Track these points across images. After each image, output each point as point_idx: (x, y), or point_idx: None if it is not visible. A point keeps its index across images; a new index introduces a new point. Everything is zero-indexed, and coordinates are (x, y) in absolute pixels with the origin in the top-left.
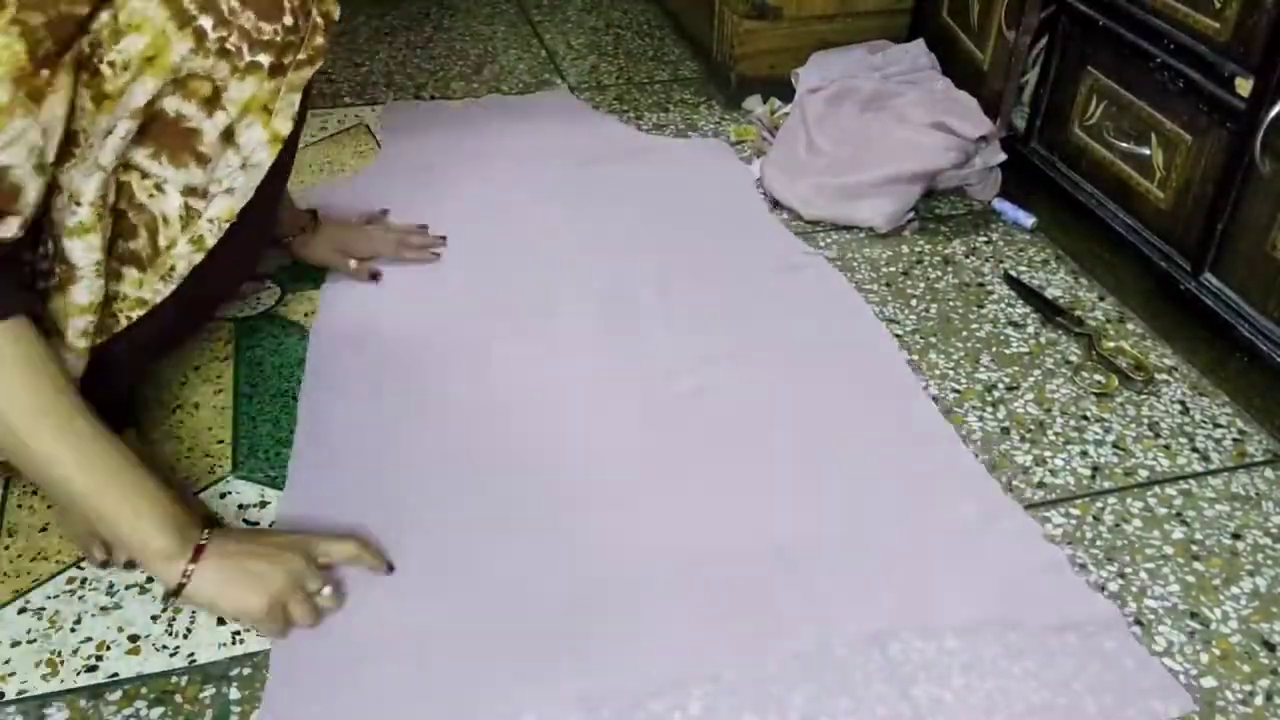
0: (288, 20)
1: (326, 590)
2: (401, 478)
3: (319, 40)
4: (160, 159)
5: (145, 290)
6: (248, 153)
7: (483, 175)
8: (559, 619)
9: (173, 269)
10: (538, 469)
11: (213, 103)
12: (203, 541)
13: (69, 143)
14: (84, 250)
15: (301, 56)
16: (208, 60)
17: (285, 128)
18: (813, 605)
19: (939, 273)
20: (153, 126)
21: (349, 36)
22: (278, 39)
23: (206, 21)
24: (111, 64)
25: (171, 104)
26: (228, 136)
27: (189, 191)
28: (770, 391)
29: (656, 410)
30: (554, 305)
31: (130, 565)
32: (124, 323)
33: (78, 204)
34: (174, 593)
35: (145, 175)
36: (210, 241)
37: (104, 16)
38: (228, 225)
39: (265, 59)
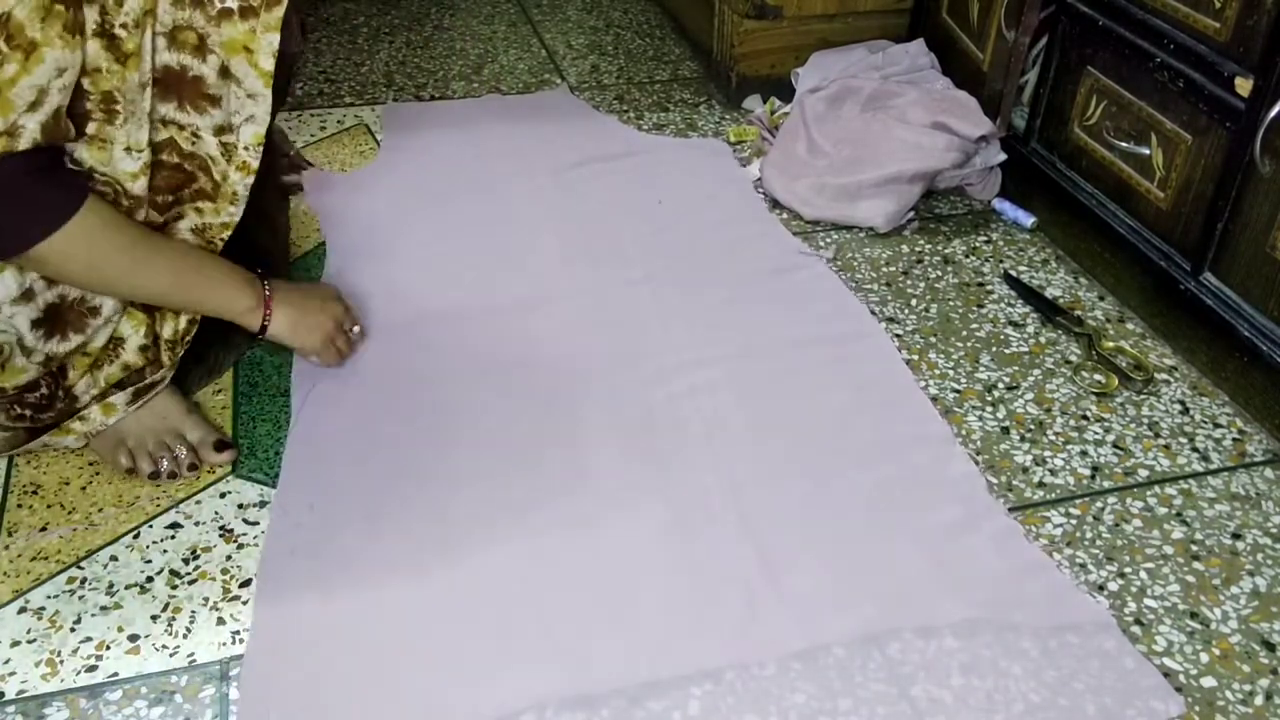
0: None
1: (356, 329)
2: (394, 470)
3: None
4: (186, 109)
5: (223, 216)
6: (249, 85)
7: (479, 172)
8: (554, 617)
9: (235, 194)
10: (531, 467)
11: (201, 49)
12: (268, 293)
13: (109, 103)
14: (142, 187)
15: None
16: (185, 11)
17: (267, 64)
18: (797, 602)
19: (939, 272)
20: (169, 82)
21: (349, 36)
22: None
23: None
24: (124, 25)
25: (172, 57)
26: (225, 74)
27: (219, 131)
28: (765, 390)
29: (650, 409)
30: (547, 303)
31: (173, 475)
32: (219, 244)
33: (139, 151)
34: (259, 334)
35: (182, 127)
36: (254, 164)
37: None
38: (261, 147)
39: (233, 3)
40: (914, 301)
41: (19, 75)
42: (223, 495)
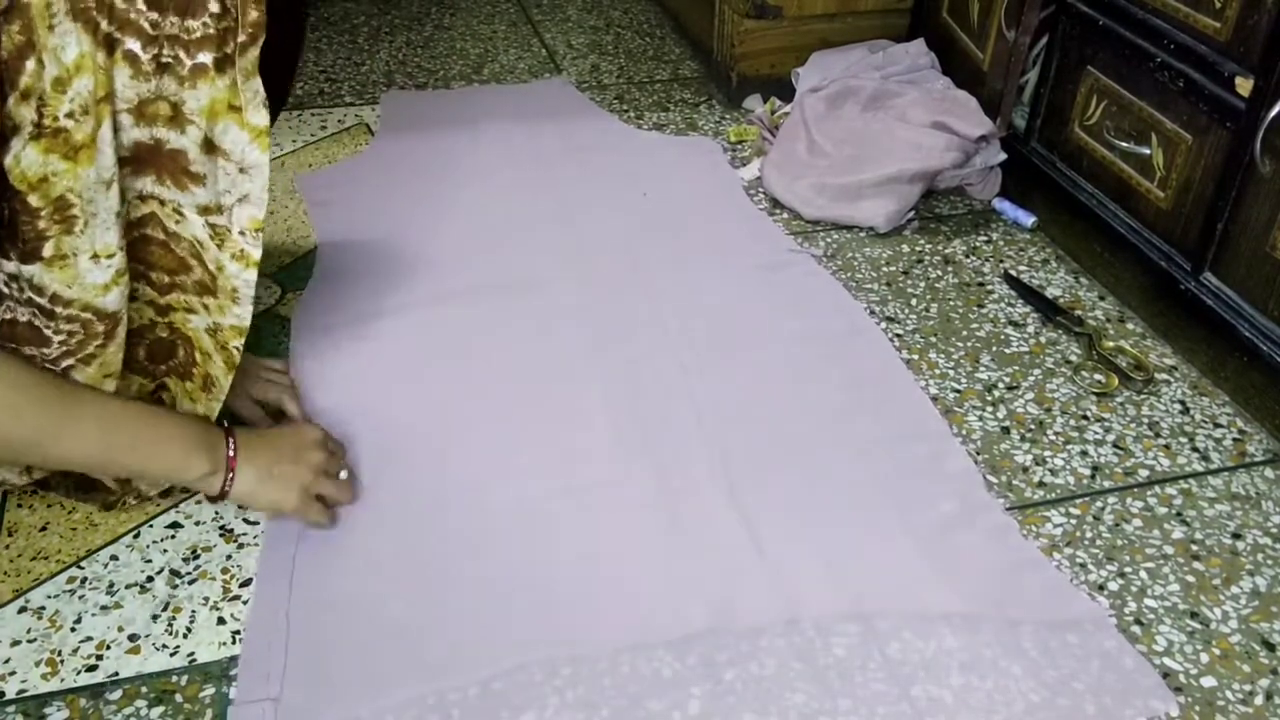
0: (214, 7)
1: (344, 474)
2: (389, 450)
3: (253, 15)
4: (165, 184)
5: (229, 317)
6: (239, 157)
7: (470, 164)
8: (547, 617)
9: (236, 291)
10: (521, 444)
11: (177, 120)
12: (231, 454)
13: (63, 209)
14: (116, 300)
15: (242, 39)
16: (150, 82)
17: (260, 119)
18: (787, 578)
19: (939, 272)
20: (142, 156)
21: (349, 36)
22: (211, 31)
23: (134, 44)
24: (70, 115)
25: (143, 133)
26: (209, 148)
27: (204, 211)
28: (755, 381)
29: (638, 390)
30: (536, 289)
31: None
32: (236, 355)
33: (108, 257)
34: (218, 498)
35: (163, 203)
36: (255, 254)
37: (29, 66)
38: (260, 234)
39: (206, 57)
40: (914, 301)
41: None
42: None
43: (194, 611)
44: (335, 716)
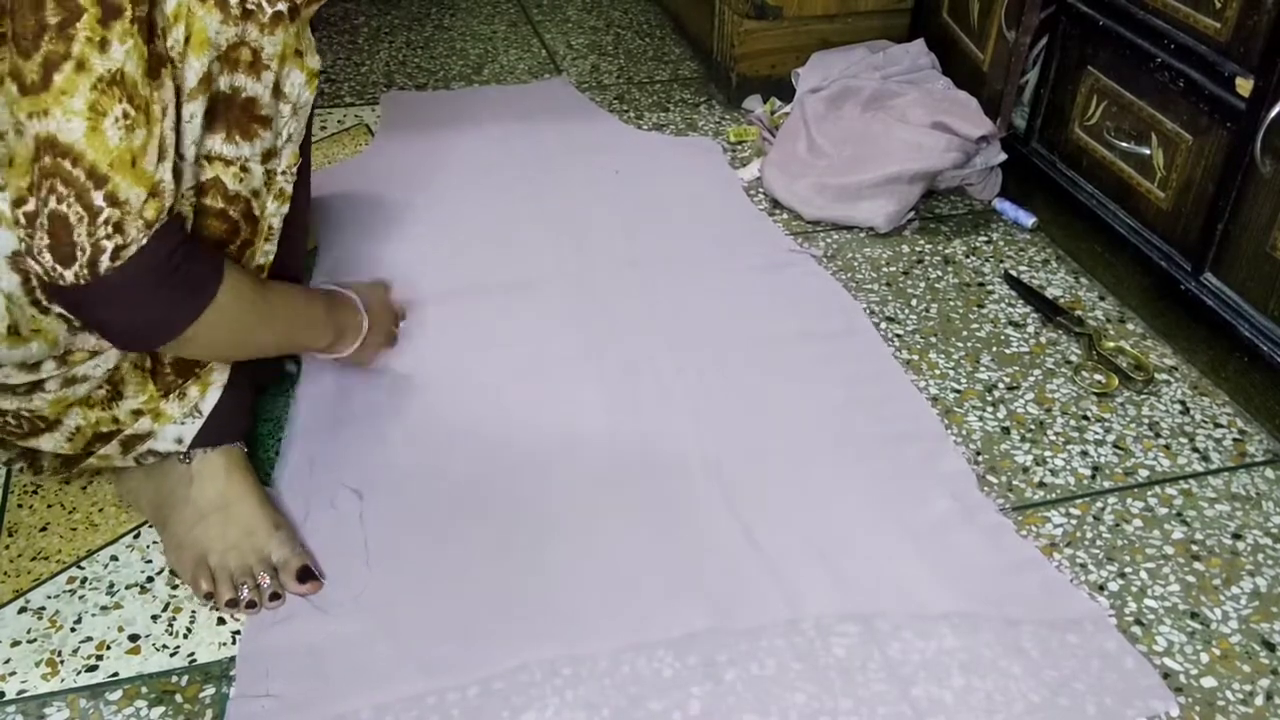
0: None
1: (402, 324)
2: (387, 451)
3: None
4: (235, 140)
5: (259, 257)
6: (294, 98)
7: (470, 162)
8: (547, 617)
9: (271, 229)
10: (518, 439)
11: (256, 65)
12: (367, 325)
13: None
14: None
15: None
16: (237, 27)
17: (316, 62)
18: (786, 595)
19: (939, 272)
20: (218, 110)
21: (349, 36)
22: None
23: None
24: (172, 59)
25: (225, 82)
26: (276, 92)
27: (266, 158)
28: (752, 380)
29: (635, 399)
30: (534, 287)
31: (252, 605)
32: None
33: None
34: (341, 357)
35: (229, 162)
36: (289, 189)
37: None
38: (297, 169)
39: (284, 6)
40: (914, 301)
41: (147, 141)
42: None
43: (194, 612)
44: (334, 714)
